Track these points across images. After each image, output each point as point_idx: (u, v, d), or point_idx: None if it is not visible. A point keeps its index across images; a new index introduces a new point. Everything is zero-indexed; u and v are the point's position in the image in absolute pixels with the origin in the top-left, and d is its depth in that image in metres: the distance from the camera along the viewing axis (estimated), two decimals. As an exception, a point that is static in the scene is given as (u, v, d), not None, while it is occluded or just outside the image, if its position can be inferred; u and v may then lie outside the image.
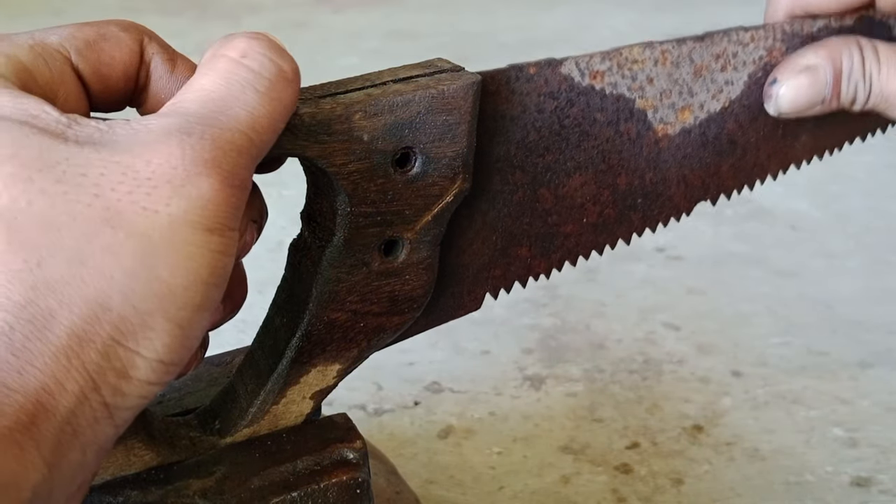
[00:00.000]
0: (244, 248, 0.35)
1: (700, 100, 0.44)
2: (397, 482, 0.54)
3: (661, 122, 0.43)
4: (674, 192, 0.45)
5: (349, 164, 0.35)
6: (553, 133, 0.41)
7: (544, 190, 0.42)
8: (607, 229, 0.44)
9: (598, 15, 1.79)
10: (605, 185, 0.43)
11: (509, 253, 0.43)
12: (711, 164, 0.45)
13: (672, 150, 0.44)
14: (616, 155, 0.43)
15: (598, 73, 0.41)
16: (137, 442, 0.36)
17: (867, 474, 0.64)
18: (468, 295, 0.43)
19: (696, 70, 0.43)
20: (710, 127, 0.45)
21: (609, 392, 0.72)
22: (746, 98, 0.45)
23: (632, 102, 0.42)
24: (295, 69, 0.31)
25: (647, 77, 0.42)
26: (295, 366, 0.38)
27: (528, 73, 0.40)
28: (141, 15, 1.78)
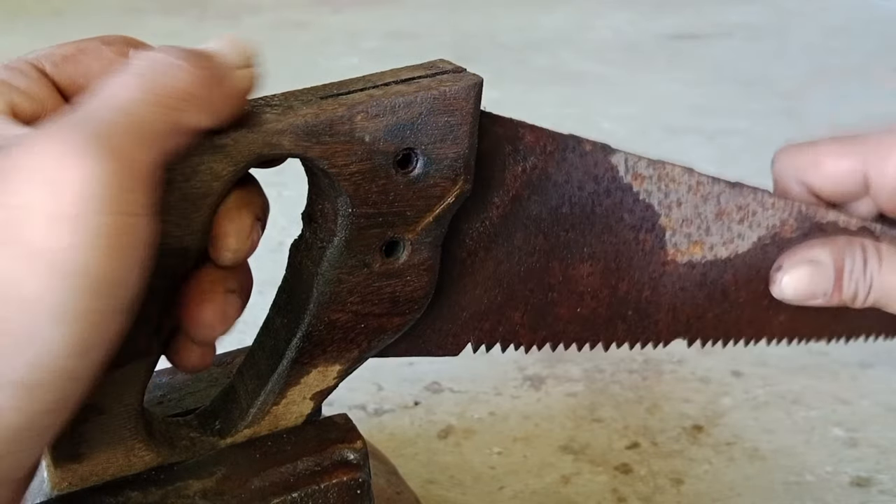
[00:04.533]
0: (251, 247, 0.35)
1: (713, 241, 0.45)
2: (397, 482, 0.54)
3: (674, 247, 0.44)
4: (661, 318, 0.46)
5: (351, 165, 0.35)
6: (584, 213, 0.42)
7: (556, 264, 0.43)
8: (594, 328, 0.45)
9: (598, 15, 1.79)
10: (608, 285, 0.44)
11: (504, 312, 0.43)
12: (700, 306, 0.46)
13: (673, 278, 0.45)
14: (627, 260, 0.44)
15: (640, 177, 0.42)
16: (137, 442, 0.36)
17: (867, 474, 0.64)
18: (453, 337, 0.43)
19: (719, 212, 0.45)
20: (711, 270, 0.46)
21: (609, 392, 0.72)
22: (750, 257, 0.46)
23: (657, 217, 0.43)
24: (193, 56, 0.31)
25: (678, 199, 0.43)
26: (295, 366, 0.39)
27: (583, 149, 0.41)
28: (141, 15, 1.78)
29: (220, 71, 0.31)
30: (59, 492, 0.36)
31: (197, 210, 0.33)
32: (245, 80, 0.32)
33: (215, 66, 0.31)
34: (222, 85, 0.31)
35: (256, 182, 0.36)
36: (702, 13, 1.78)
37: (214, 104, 0.31)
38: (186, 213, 0.33)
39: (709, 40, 1.64)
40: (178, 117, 0.30)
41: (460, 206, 0.38)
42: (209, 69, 0.31)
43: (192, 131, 0.31)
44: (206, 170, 0.33)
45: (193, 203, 0.33)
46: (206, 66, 0.31)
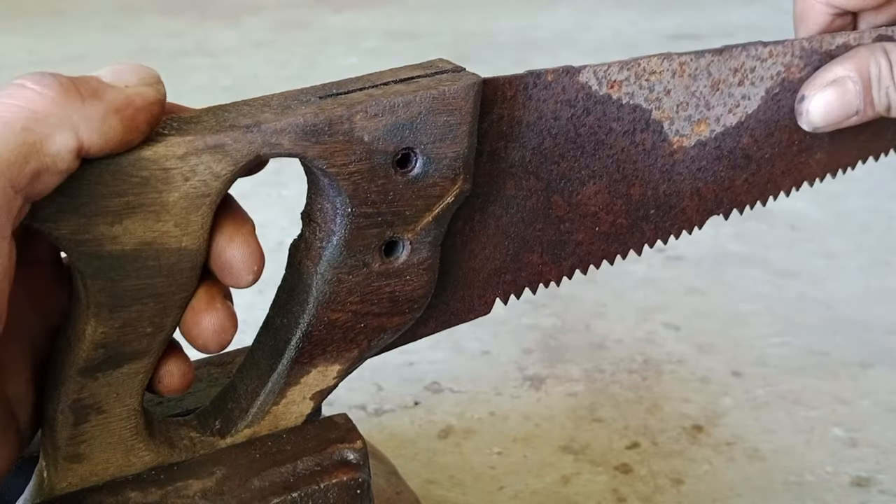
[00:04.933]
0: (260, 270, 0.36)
1: (716, 113, 0.44)
2: (397, 482, 0.54)
3: (676, 134, 0.43)
4: (686, 204, 0.45)
5: (350, 165, 0.35)
6: (568, 141, 0.41)
7: (558, 197, 0.42)
8: (619, 239, 0.44)
9: (598, 15, 1.79)
10: (619, 195, 0.43)
11: (521, 259, 0.43)
12: (725, 177, 0.45)
13: (687, 163, 0.44)
14: (631, 165, 0.43)
15: (616, 83, 0.42)
16: (137, 442, 0.36)
17: (867, 474, 0.64)
18: (478, 299, 0.43)
19: (714, 83, 0.43)
20: (725, 140, 0.45)
21: (609, 392, 0.72)
22: (763, 113, 0.45)
23: (648, 113, 0.43)
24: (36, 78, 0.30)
25: (665, 88, 0.43)
26: (295, 366, 0.39)
27: (545, 80, 0.40)
28: (141, 15, 1.78)
29: (89, 88, 0.30)
30: (59, 492, 0.36)
31: (196, 210, 0.33)
32: (138, 96, 0.31)
33: (80, 84, 0.30)
34: (97, 101, 0.30)
35: (235, 201, 0.36)
36: (702, 13, 1.78)
37: (90, 120, 0.30)
38: (186, 212, 0.33)
39: (709, 40, 1.64)
40: (29, 138, 0.29)
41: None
42: (68, 87, 0.30)
43: (65, 151, 0.30)
44: (205, 170, 0.33)
45: (193, 203, 0.33)
46: (61, 84, 0.30)
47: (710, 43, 0.47)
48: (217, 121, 0.34)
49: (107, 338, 0.34)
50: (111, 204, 0.32)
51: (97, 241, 0.32)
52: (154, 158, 0.32)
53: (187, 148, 0.32)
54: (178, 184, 0.32)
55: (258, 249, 0.35)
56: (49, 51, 1.57)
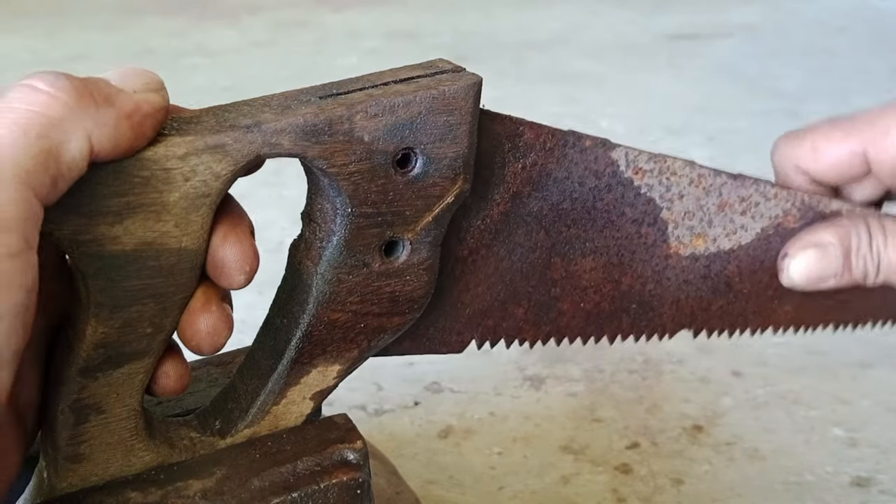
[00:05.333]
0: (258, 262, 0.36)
1: (715, 233, 0.45)
2: (397, 482, 0.54)
3: (676, 240, 0.45)
4: (665, 311, 0.46)
5: (350, 165, 0.35)
6: (585, 209, 0.42)
7: (558, 260, 0.43)
8: (598, 322, 0.45)
9: (598, 15, 1.79)
10: (611, 279, 0.44)
11: (507, 308, 0.43)
12: (705, 298, 0.46)
13: (677, 271, 0.45)
14: (629, 254, 0.44)
15: (641, 171, 0.43)
16: (137, 442, 0.36)
17: (867, 474, 0.64)
18: (456, 335, 0.43)
19: (721, 204, 0.45)
20: (715, 262, 0.46)
21: (609, 392, 0.72)
22: (752, 249, 0.46)
23: (659, 210, 0.44)
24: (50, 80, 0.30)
25: (679, 193, 0.44)
26: (295, 366, 0.39)
27: (583, 144, 0.41)
28: (141, 15, 1.78)
29: (102, 93, 0.30)
30: (60, 492, 0.36)
31: (196, 210, 0.33)
32: (145, 102, 0.31)
33: (93, 89, 0.30)
34: (108, 106, 0.30)
35: (236, 202, 0.36)
36: (702, 13, 1.78)
37: (103, 127, 0.30)
38: (186, 212, 0.33)
39: (709, 40, 1.64)
40: (47, 145, 0.28)
41: (461, 204, 0.38)
42: (83, 92, 0.30)
43: (77, 158, 0.30)
44: (205, 170, 0.33)
45: (193, 203, 0.33)
46: (77, 89, 0.30)
47: (710, 43, 0.47)
48: (217, 121, 0.34)
49: (107, 338, 0.34)
50: (112, 204, 0.32)
51: (98, 241, 0.32)
52: (155, 159, 0.32)
53: (188, 148, 0.32)
54: (179, 184, 0.32)
55: (251, 250, 0.35)
56: (49, 51, 1.57)
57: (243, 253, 0.35)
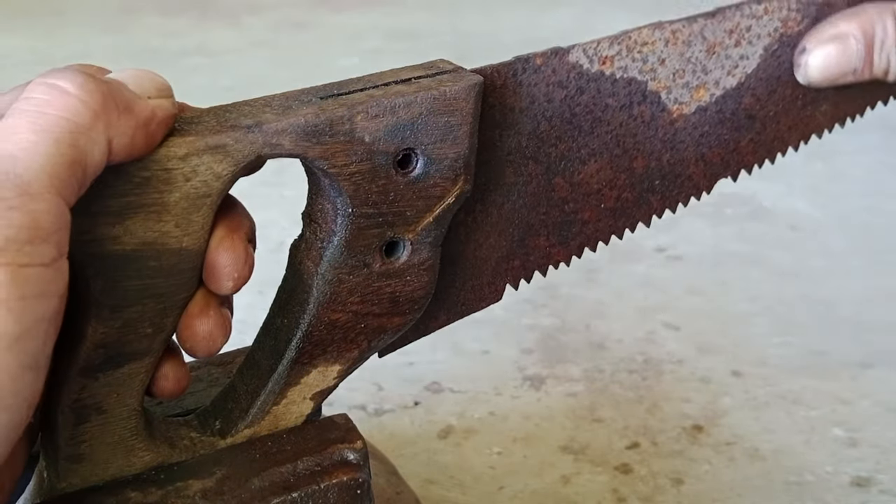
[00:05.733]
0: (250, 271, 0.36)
1: (715, 77, 0.44)
2: (397, 482, 0.54)
3: (675, 103, 0.43)
4: (693, 171, 0.45)
5: (351, 165, 0.35)
6: (564, 122, 0.41)
7: (559, 179, 0.42)
8: (626, 213, 0.44)
9: (598, 15, 1.79)
10: (622, 170, 0.43)
11: (527, 244, 0.43)
12: (730, 140, 0.45)
13: (689, 130, 0.44)
14: (631, 139, 0.43)
15: (608, 59, 0.41)
16: (137, 442, 0.36)
17: (867, 474, 0.64)
18: (488, 287, 0.43)
19: (710, 47, 0.43)
20: (726, 103, 0.44)
21: (609, 392, 0.72)
22: (763, 71, 0.44)
23: (644, 85, 0.42)
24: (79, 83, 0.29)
25: (659, 58, 0.42)
26: (295, 366, 0.39)
27: (534, 64, 0.40)
28: (141, 15, 1.78)
29: (123, 100, 0.30)
30: (60, 491, 0.36)
31: (197, 210, 0.33)
32: (159, 109, 0.31)
33: (116, 95, 0.30)
34: (129, 114, 0.30)
35: (239, 203, 0.36)
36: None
37: (122, 135, 0.30)
38: (186, 213, 0.33)
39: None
40: (76, 154, 0.29)
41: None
42: (108, 98, 0.30)
43: (98, 164, 0.30)
44: (206, 170, 0.33)
45: (194, 203, 0.33)
46: (104, 95, 0.30)
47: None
48: (218, 121, 0.34)
49: (107, 338, 0.34)
50: (112, 204, 0.32)
51: (98, 241, 0.32)
52: (155, 159, 0.32)
53: (188, 148, 0.32)
54: (179, 184, 0.32)
55: (244, 257, 0.35)
56: (49, 50, 1.57)
57: (235, 260, 0.35)
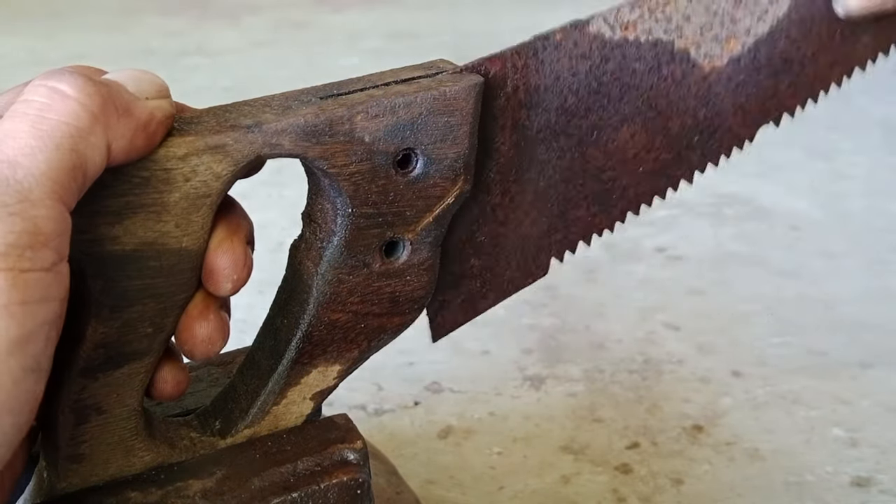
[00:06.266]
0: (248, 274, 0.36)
1: (745, 26, 0.43)
2: (397, 482, 0.54)
3: (706, 57, 0.42)
4: (732, 122, 0.44)
5: (350, 166, 0.35)
6: (592, 92, 0.41)
7: (593, 149, 0.42)
8: (666, 173, 0.44)
9: (598, 15, 1.79)
10: (657, 132, 0.43)
11: (567, 217, 0.43)
12: (768, 86, 0.44)
13: (723, 82, 0.43)
14: (663, 99, 0.42)
15: (630, 24, 0.41)
16: (137, 442, 0.36)
17: (867, 474, 0.64)
18: (534, 262, 0.43)
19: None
20: (760, 51, 0.43)
21: (609, 392, 0.72)
22: (795, 12, 0.43)
23: (671, 44, 0.42)
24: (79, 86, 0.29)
25: (684, 15, 0.42)
26: (296, 366, 0.39)
27: (554, 41, 0.40)
28: (141, 15, 1.78)
29: (122, 102, 0.30)
30: (60, 491, 0.36)
31: (197, 210, 0.33)
32: (158, 110, 0.31)
33: (116, 97, 0.30)
34: (128, 117, 0.30)
35: (238, 204, 0.36)
36: (702, 13, 1.78)
37: (121, 137, 0.30)
38: (186, 213, 0.33)
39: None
40: (77, 159, 0.29)
41: (473, 160, 0.38)
42: (108, 101, 0.30)
43: (98, 167, 0.30)
44: (205, 170, 0.33)
45: (193, 203, 0.33)
46: (103, 98, 0.30)
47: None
48: (218, 121, 0.34)
49: (107, 338, 0.34)
50: (112, 204, 0.32)
51: (98, 241, 0.32)
52: (155, 159, 0.32)
53: (188, 148, 0.32)
54: (179, 184, 0.32)
55: (243, 259, 0.35)
56: (49, 51, 1.57)
57: (234, 262, 0.35)
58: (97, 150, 0.29)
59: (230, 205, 0.36)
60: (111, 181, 0.31)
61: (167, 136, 0.32)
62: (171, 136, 0.32)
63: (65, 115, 0.29)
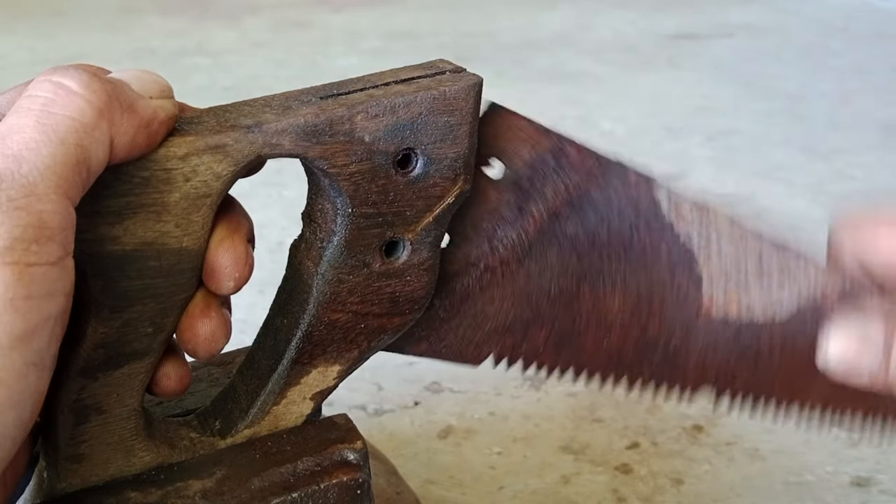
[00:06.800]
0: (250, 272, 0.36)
1: (750, 301, 0.43)
2: (397, 482, 0.54)
3: (709, 298, 0.42)
4: (689, 368, 0.44)
5: (350, 165, 0.35)
6: (620, 242, 0.41)
7: (587, 290, 0.42)
8: (618, 365, 0.44)
9: (598, 15, 1.79)
10: (638, 322, 0.43)
11: (529, 330, 0.42)
12: (732, 365, 0.44)
13: (706, 331, 0.43)
14: (659, 300, 0.42)
15: (683, 217, 0.41)
16: (137, 442, 0.36)
17: (867, 474, 0.64)
18: (475, 347, 0.43)
19: (760, 272, 0.42)
20: (746, 332, 0.43)
21: (609, 392, 0.72)
22: (787, 326, 0.43)
23: (695, 263, 0.42)
24: (84, 82, 0.29)
25: (719, 250, 0.42)
26: (295, 367, 0.39)
27: (627, 176, 0.40)
28: (141, 15, 1.78)
29: (126, 100, 0.30)
30: (60, 492, 0.36)
31: (197, 210, 0.33)
32: (161, 110, 0.31)
33: (120, 94, 0.30)
34: (131, 114, 0.30)
35: (238, 203, 0.36)
36: (702, 13, 1.78)
37: (124, 134, 0.30)
38: (186, 213, 0.33)
39: (709, 40, 1.64)
40: (81, 154, 0.29)
41: (497, 213, 0.38)
42: (112, 98, 0.30)
43: (101, 163, 0.30)
44: (206, 170, 0.33)
45: (193, 203, 0.33)
46: (108, 94, 0.30)
47: (710, 43, 0.47)
48: (218, 121, 0.34)
49: (107, 338, 0.34)
50: (112, 204, 0.32)
51: (98, 241, 0.32)
52: (155, 159, 0.32)
53: (188, 148, 0.32)
54: (179, 184, 0.32)
55: (245, 257, 0.35)
56: (49, 51, 1.57)
57: (236, 260, 0.35)
58: (101, 145, 0.29)
59: (230, 204, 0.36)
60: (112, 181, 0.31)
61: (168, 136, 0.32)
62: (172, 135, 0.32)
63: (70, 111, 0.29)
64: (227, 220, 0.35)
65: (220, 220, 0.35)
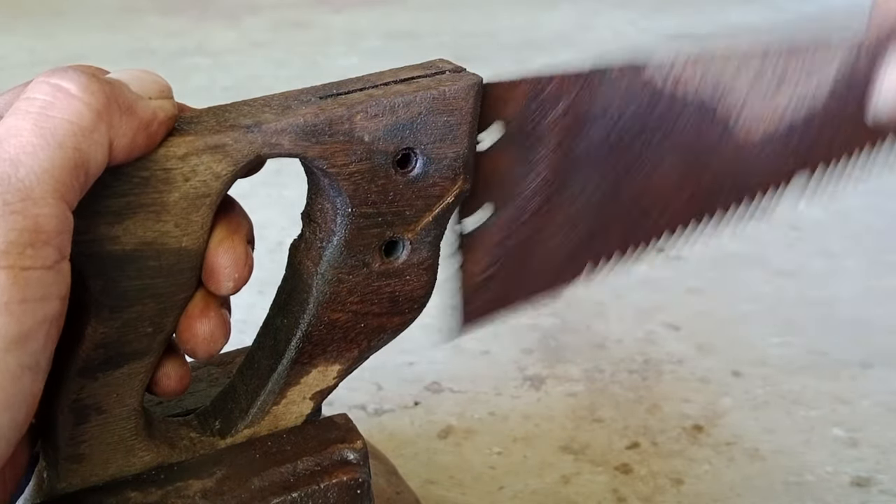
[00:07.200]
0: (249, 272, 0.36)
1: (782, 109, 0.43)
2: (397, 482, 0.54)
3: (742, 129, 0.43)
4: (757, 190, 0.45)
5: (350, 165, 0.35)
6: (634, 134, 0.42)
7: (627, 184, 0.43)
8: (698, 214, 0.45)
9: (598, 15, 1.79)
10: (689, 180, 0.44)
11: (596, 239, 0.44)
12: (794, 167, 0.45)
13: (754, 156, 0.44)
14: (698, 156, 0.43)
15: (680, 80, 0.42)
16: (137, 442, 0.36)
17: (867, 474, 0.64)
18: (556, 276, 0.44)
19: (780, 81, 0.43)
20: (792, 136, 0.44)
21: (609, 392, 0.72)
22: (829, 108, 0.44)
23: (713, 109, 0.42)
24: (83, 84, 0.29)
25: (729, 86, 0.42)
26: (295, 366, 0.39)
27: (610, 77, 0.41)
28: (141, 15, 1.78)
29: (125, 101, 0.30)
30: (60, 492, 0.36)
31: (196, 210, 0.33)
32: (160, 110, 0.31)
33: (119, 96, 0.30)
34: (130, 115, 0.30)
35: (237, 204, 0.36)
36: (702, 13, 1.78)
37: (124, 136, 0.30)
38: (186, 213, 0.33)
39: (709, 40, 1.64)
40: (79, 157, 0.28)
41: (510, 170, 0.38)
42: (111, 100, 0.30)
43: (100, 166, 0.30)
44: (205, 170, 0.33)
45: (193, 203, 0.33)
46: (107, 96, 0.30)
47: (709, 42, 0.47)
48: (217, 121, 0.34)
49: (107, 338, 0.34)
50: (111, 204, 0.32)
51: (97, 241, 0.32)
52: (154, 158, 0.32)
53: (188, 148, 0.32)
54: (179, 184, 0.32)
55: (244, 258, 0.35)
56: (49, 51, 1.57)
57: (235, 260, 0.35)
58: (100, 148, 0.29)
59: (230, 204, 0.36)
60: (111, 181, 0.31)
61: (167, 136, 0.32)
62: (171, 135, 0.32)
63: (68, 114, 0.29)
64: (226, 221, 0.35)
65: (219, 220, 0.35)
